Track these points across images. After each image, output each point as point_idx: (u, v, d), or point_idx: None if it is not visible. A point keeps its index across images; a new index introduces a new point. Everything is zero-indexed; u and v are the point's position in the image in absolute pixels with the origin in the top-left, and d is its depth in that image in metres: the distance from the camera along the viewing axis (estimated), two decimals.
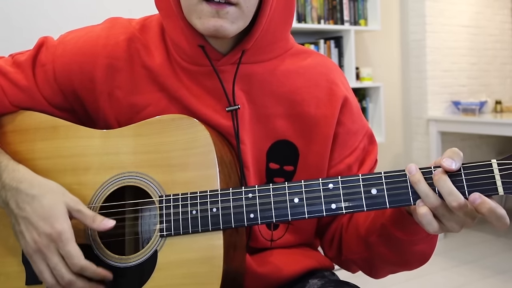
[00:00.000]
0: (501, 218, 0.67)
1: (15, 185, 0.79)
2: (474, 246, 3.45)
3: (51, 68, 0.89)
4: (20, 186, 0.79)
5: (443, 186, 0.68)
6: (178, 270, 0.77)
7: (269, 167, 0.89)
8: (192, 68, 0.86)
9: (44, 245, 0.76)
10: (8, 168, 0.82)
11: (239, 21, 0.79)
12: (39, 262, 0.77)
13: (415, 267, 0.88)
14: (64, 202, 0.78)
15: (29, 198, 0.78)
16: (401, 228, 0.80)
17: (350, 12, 3.35)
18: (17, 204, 0.78)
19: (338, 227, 0.94)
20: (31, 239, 0.76)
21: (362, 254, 0.89)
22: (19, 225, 0.78)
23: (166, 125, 0.82)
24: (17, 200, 0.78)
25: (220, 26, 0.77)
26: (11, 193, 0.79)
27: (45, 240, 0.76)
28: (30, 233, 0.77)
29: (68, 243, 0.76)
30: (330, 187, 0.74)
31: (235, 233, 0.80)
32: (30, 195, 0.78)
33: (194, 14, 0.78)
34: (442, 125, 3.71)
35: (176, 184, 0.80)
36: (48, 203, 0.77)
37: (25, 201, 0.78)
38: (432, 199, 0.69)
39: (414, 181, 0.70)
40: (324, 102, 0.89)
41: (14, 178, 0.80)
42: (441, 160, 0.69)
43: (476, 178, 0.69)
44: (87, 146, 0.85)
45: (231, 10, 0.77)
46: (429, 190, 0.69)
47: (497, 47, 4.27)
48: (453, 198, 0.67)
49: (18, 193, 0.79)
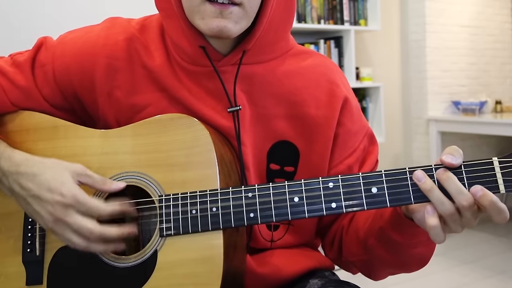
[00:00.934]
0: (501, 211, 0.67)
1: (14, 169, 0.80)
2: (474, 246, 3.45)
3: (50, 68, 0.89)
4: (20, 169, 0.79)
5: (451, 185, 0.68)
6: (178, 270, 0.77)
7: (269, 168, 0.89)
8: (193, 68, 0.86)
9: (60, 213, 0.76)
10: (5, 155, 0.82)
11: (242, 21, 0.79)
12: (63, 231, 0.76)
13: (414, 270, 0.88)
14: (68, 170, 0.79)
15: (31, 177, 0.78)
16: (399, 231, 0.79)
17: (350, 12, 3.35)
18: (21, 186, 0.79)
19: (339, 229, 0.94)
20: (46, 213, 0.76)
21: (361, 257, 0.89)
22: (30, 205, 0.78)
23: (165, 125, 0.82)
24: (20, 182, 0.79)
25: (224, 27, 0.77)
26: (12, 178, 0.80)
27: (60, 208, 0.76)
28: (43, 208, 0.77)
29: (86, 201, 0.76)
30: (330, 186, 0.74)
31: (235, 233, 0.80)
32: (31, 173, 0.79)
33: (197, 14, 0.78)
34: (442, 125, 3.71)
35: (175, 184, 0.80)
36: (51, 175, 0.78)
37: (28, 180, 0.78)
38: (448, 205, 0.68)
39: (427, 189, 0.69)
40: (324, 103, 0.89)
41: (12, 163, 0.80)
42: (441, 157, 0.69)
43: (477, 176, 0.69)
44: (87, 146, 0.85)
45: (235, 10, 0.77)
46: (444, 197, 0.68)
47: (497, 47, 4.26)
48: (463, 197, 0.67)
49: (19, 176, 0.79)
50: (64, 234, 0.77)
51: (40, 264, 0.83)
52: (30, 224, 0.85)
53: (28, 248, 0.84)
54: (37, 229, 0.84)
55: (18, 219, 0.86)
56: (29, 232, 0.85)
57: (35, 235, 0.84)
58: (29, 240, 0.84)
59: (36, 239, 0.84)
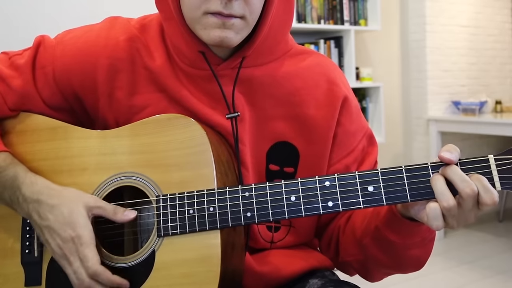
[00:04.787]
0: (488, 190, 0.67)
1: (35, 198, 0.81)
2: (474, 246, 3.45)
3: (50, 69, 0.88)
4: (41, 198, 0.81)
5: (455, 174, 0.68)
6: (176, 270, 0.77)
7: (269, 168, 0.89)
8: (192, 71, 0.86)
9: (68, 250, 0.78)
10: (26, 182, 0.83)
11: (243, 31, 0.79)
12: (66, 267, 0.79)
13: (409, 272, 0.88)
14: (83, 203, 0.80)
15: (50, 208, 0.80)
16: (395, 231, 0.79)
17: (350, 12, 3.35)
18: (39, 215, 0.80)
19: (336, 228, 0.94)
20: (56, 246, 0.79)
21: (357, 257, 0.89)
22: (44, 235, 0.80)
23: (162, 125, 0.82)
24: (39, 211, 0.80)
25: (225, 37, 0.77)
26: (32, 206, 0.81)
27: (68, 245, 0.78)
28: (54, 240, 0.79)
29: (86, 246, 0.77)
30: (327, 185, 0.74)
31: (233, 232, 0.80)
32: (51, 205, 0.80)
33: (199, 25, 0.78)
34: (442, 125, 3.70)
35: (172, 184, 0.80)
36: (68, 210, 0.79)
37: (46, 210, 0.80)
38: (448, 196, 0.68)
39: (433, 178, 0.69)
40: (324, 103, 0.89)
41: (34, 191, 0.82)
42: (439, 154, 0.70)
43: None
44: (84, 147, 0.85)
45: (237, 22, 0.77)
46: (447, 189, 0.68)
47: (497, 47, 4.26)
48: (466, 184, 0.67)
49: (40, 205, 0.81)
50: (67, 270, 0.79)
51: (38, 265, 0.83)
52: (28, 225, 0.85)
53: (26, 249, 0.84)
54: (35, 230, 0.84)
55: (17, 220, 0.86)
56: (27, 234, 0.85)
57: (33, 236, 0.84)
58: (28, 241, 0.84)
59: (34, 240, 0.84)
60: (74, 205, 0.80)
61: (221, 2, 0.75)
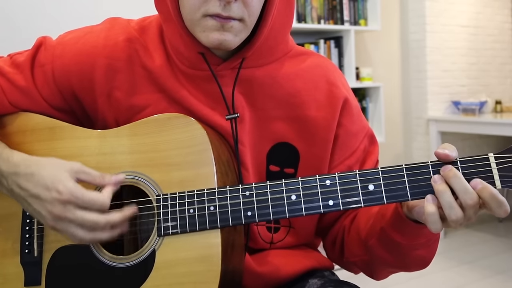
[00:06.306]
0: (502, 204, 0.67)
1: (13, 170, 0.79)
2: (474, 246, 3.45)
3: (50, 69, 0.88)
4: (18, 170, 0.79)
5: (457, 183, 0.68)
6: (176, 269, 0.77)
7: (269, 169, 0.89)
8: (191, 72, 0.86)
9: (60, 211, 0.75)
10: (3, 156, 0.82)
11: (242, 34, 0.79)
12: (66, 228, 0.76)
13: (414, 270, 0.88)
14: (65, 168, 0.78)
15: (29, 177, 0.78)
16: (400, 232, 0.79)
17: (350, 12, 3.35)
18: (20, 187, 0.78)
19: (341, 229, 0.94)
20: (46, 212, 0.76)
21: (363, 257, 0.89)
22: (31, 205, 0.78)
23: (162, 124, 0.82)
24: (19, 183, 0.78)
25: (224, 40, 0.77)
26: (11, 179, 0.79)
27: (58, 206, 0.75)
28: (42, 206, 0.76)
29: (83, 194, 0.75)
30: (327, 184, 0.74)
31: (233, 232, 0.80)
32: (29, 173, 0.78)
33: (198, 27, 0.78)
34: (442, 125, 3.70)
35: (173, 183, 0.80)
36: (48, 173, 0.77)
37: (26, 180, 0.78)
38: (456, 210, 0.68)
39: (440, 190, 0.69)
40: (324, 104, 0.89)
41: (10, 164, 0.80)
42: (437, 151, 0.70)
43: (473, 172, 0.69)
44: (84, 147, 0.85)
45: (235, 24, 0.77)
46: (454, 202, 0.68)
47: (497, 47, 4.26)
48: (469, 196, 0.67)
49: (18, 176, 0.79)
50: (68, 230, 0.76)
51: (38, 265, 0.83)
52: (28, 225, 0.85)
53: (26, 249, 0.84)
54: (35, 230, 0.84)
55: (16, 220, 0.86)
56: (27, 233, 0.85)
57: (33, 236, 0.84)
58: (27, 241, 0.84)
59: (34, 240, 0.84)
60: (56, 170, 0.77)
61: (220, 4, 0.75)
